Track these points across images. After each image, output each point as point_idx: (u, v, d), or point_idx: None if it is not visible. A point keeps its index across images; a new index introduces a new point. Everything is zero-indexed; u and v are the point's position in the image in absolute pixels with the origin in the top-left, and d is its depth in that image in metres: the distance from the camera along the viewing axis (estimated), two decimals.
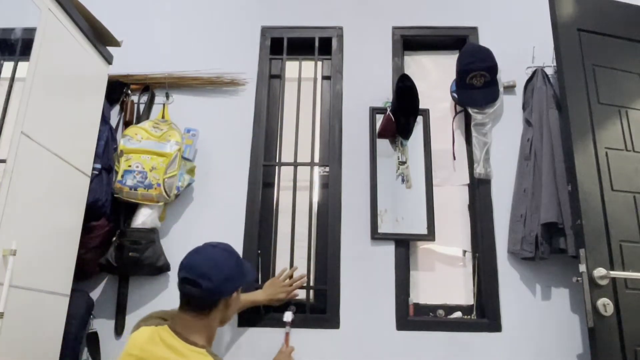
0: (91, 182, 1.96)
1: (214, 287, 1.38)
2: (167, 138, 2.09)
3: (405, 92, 2.16)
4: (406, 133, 2.23)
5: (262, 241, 2.17)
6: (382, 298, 2.05)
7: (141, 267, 2.00)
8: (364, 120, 2.28)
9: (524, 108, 2.23)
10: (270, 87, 2.40)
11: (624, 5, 2.06)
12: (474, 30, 2.39)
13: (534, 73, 2.22)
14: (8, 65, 1.65)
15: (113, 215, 2.08)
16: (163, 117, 2.27)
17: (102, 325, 2.03)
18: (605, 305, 1.61)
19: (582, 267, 1.67)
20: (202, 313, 1.41)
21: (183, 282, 1.41)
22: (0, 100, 1.56)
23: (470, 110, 2.21)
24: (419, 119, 2.25)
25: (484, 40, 2.34)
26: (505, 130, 2.23)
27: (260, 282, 2.10)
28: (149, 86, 2.33)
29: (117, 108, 2.31)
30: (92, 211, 1.98)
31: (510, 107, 2.26)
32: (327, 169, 2.24)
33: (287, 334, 1.95)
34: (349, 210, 2.16)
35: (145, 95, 2.33)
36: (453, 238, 2.21)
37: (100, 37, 2.01)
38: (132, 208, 2.05)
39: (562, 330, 1.98)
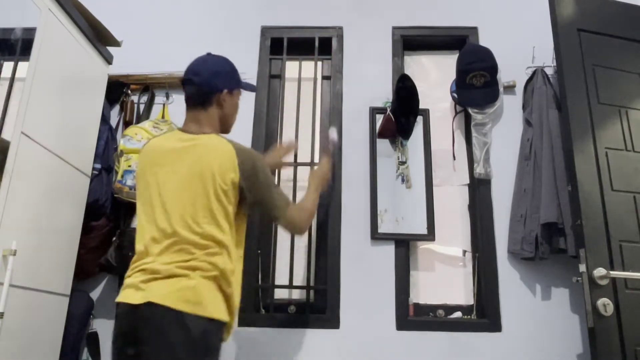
0: (91, 182, 1.97)
1: (203, 81, 1.55)
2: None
3: (405, 92, 2.16)
4: (406, 133, 2.23)
5: (262, 241, 2.17)
6: (382, 298, 2.05)
7: None
8: (364, 120, 2.28)
9: (524, 108, 2.23)
10: (270, 87, 2.40)
11: (624, 5, 2.06)
12: (474, 30, 2.39)
13: (534, 73, 2.22)
14: (8, 65, 1.65)
15: (113, 215, 2.08)
16: (163, 117, 2.27)
17: (102, 325, 2.03)
18: (605, 305, 1.61)
19: (582, 267, 1.67)
20: (201, 107, 1.56)
21: (182, 83, 1.59)
22: (0, 100, 1.57)
23: (470, 110, 2.21)
24: (419, 119, 2.25)
25: (484, 40, 2.34)
26: (505, 130, 2.23)
27: (260, 281, 2.10)
28: (149, 86, 2.33)
29: (117, 108, 2.32)
30: (92, 211, 1.98)
31: (510, 107, 2.26)
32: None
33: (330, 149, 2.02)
34: (349, 210, 2.16)
35: (145, 95, 2.33)
36: (453, 238, 2.21)
37: (100, 37, 2.01)
38: (132, 208, 2.04)
39: (562, 330, 1.99)
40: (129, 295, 1.37)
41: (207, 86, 1.56)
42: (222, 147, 1.48)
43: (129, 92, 2.31)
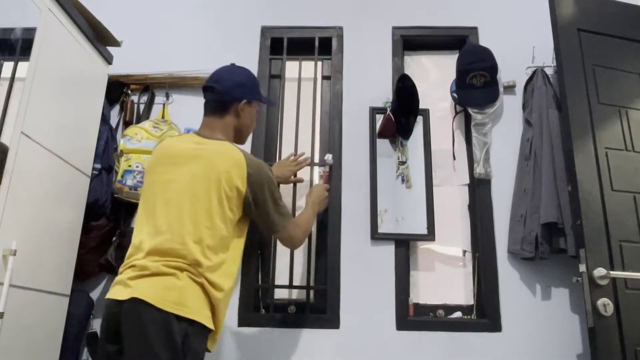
0: (91, 182, 1.97)
1: (223, 89, 1.60)
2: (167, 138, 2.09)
3: (405, 92, 2.16)
4: (406, 133, 2.23)
5: (262, 241, 2.17)
6: (382, 298, 2.05)
7: None
8: (364, 120, 2.28)
9: (524, 108, 2.23)
10: (270, 87, 2.40)
11: (624, 5, 2.06)
12: (474, 30, 2.39)
13: (534, 73, 2.22)
14: (8, 65, 1.65)
15: (113, 215, 2.08)
16: (163, 117, 2.27)
17: None
18: (605, 305, 1.61)
19: (582, 267, 1.67)
20: (218, 114, 1.61)
21: (203, 90, 1.65)
22: (0, 100, 1.57)
23: (470, 110, 2.21)
24: (419, 119, 2.25)
25: (484, 40, 2.34)
26: (505, 130, 2.23)
27: (260, 281, 2.10)
28: (149, 86, 2.33)
29: (117, 108, 2.32)
30: (92, 211, 1.98)
31: (510, 107, 2.26)
32: (327, 168, 2.24)
33: (324, 172, 2.10)
34: (349, 210, 2.16)
35: (145, 95, 2.33)
36: (453, 238, 2.20)
37: (100, 37, 2.01)
38: (132, 208, 2.05)
39: (562, 330, 1.98)
40: (116, 291, 1.37)
41: (227, 95, 1.60)
42: (233, 155, 1.49)
43: (129, 92, 2.31)
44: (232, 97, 1.60)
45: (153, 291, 1.31)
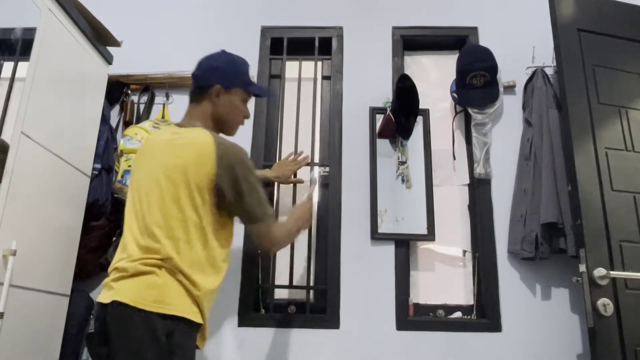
0: (91, 182, 1.97)
1: (200, 73, 1.58)
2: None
3: (405, 92, 2.16)
4: (406, 133, 2.23)
5: None
6: (382, 298, 2.05)
7: None
8: (364, 120, 2.28)
9: (524, 108, 2.23)
10: (270, 87, 2.40)
11: (624, 5, 2.06)
12: (474, 30, 2.39)
13: (534, 73, 2.22)
14: (8, 65, 1.65)
15: (113, 215, 2.08)
16: (163, 117, 2.27)
17: None
18: (605, 305, 1.61)
19: (582, 267, 1.67)
20: (196, 101, 1.56)
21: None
22: (0, 100, 1.57)
23: (470, 110, 2.21)
24: (419, 119, 2.25)
25: (484, 40, 2.34)
26: (505, 130, 2.23)
27: (260, 281, 2.10)
28: (149, 86, 2.33)
29: (117, 108, 2.32)
30: (92, 211, 1.98)
31: (510, 107, 2.26)
32: (327, 169, 2.24)
33: (311, 190, 2.01)
34: (349, 210, 2.16)
35: (145, 95, 2.33)
36: (453, 238, 2.21)
37: (100, 37, 2.01)
38: None
39: (562, 330, 1.99)
40: (102, 295, 1.36)
41: (201, 80, 1.57)
42: (202, 140, 1.40)
43: (129, 92, 2.31)
44: (205, 82, 1.54)
45: (134, 292, 1.29)
